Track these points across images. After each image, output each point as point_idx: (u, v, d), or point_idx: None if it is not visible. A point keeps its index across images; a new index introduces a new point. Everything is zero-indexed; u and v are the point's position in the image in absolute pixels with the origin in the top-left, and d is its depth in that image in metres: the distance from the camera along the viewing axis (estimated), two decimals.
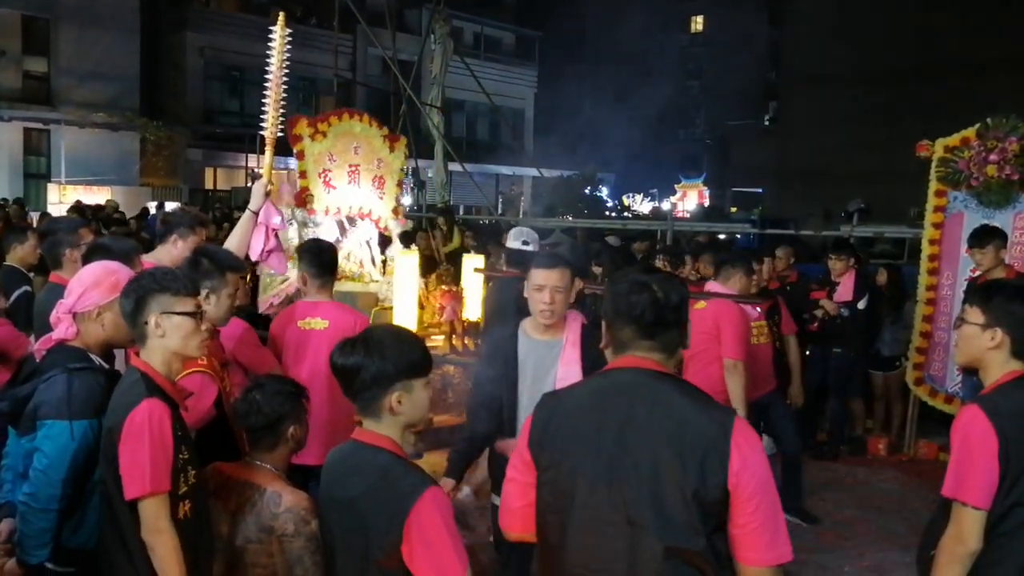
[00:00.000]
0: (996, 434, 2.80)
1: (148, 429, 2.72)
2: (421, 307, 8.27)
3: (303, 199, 7.57)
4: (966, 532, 2.83)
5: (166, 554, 2.73)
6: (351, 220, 8.18)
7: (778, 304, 6.97)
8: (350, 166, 7.92)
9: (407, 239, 9.21)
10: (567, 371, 3.89)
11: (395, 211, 8.46)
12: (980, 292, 3.11)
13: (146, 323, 2.89)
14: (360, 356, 2.53)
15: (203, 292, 3.53)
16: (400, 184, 8.61)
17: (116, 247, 4.08)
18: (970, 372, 3.56)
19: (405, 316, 7.71)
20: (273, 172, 5.33)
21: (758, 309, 6.40)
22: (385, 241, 8.63)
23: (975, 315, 3.04)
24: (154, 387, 2.83)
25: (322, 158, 7.68)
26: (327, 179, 7.77)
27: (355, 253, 8.29)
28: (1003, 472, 2.80)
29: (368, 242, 8.43)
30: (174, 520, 2.77)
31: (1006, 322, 2.96)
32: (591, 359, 3.89)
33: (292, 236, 7.31)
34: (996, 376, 3.00)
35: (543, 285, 3.88)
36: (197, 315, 2.98)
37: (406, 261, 7.91)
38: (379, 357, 2.52)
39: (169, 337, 2.90)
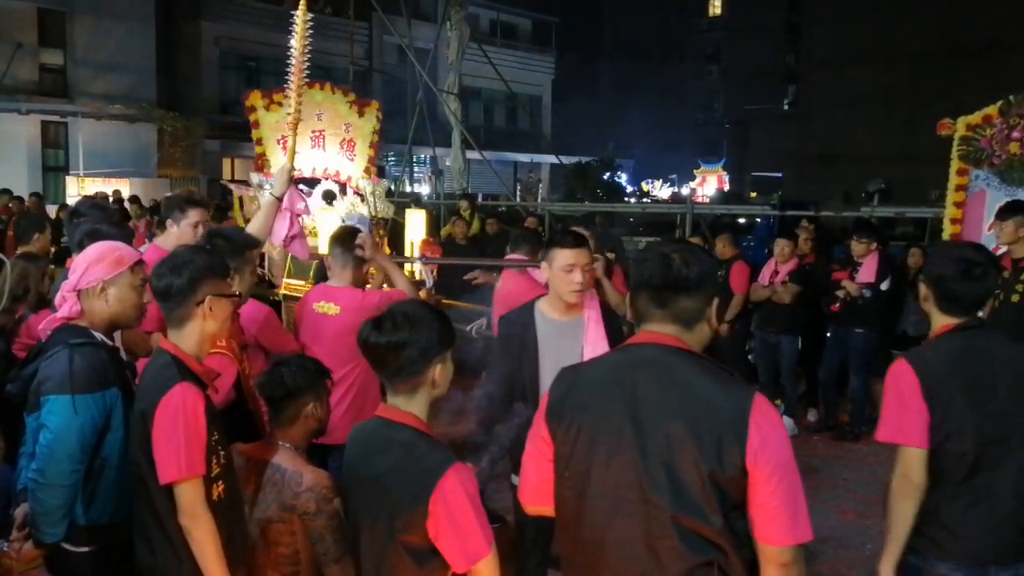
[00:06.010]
0: (919, 380, 2.99)
1: (182, 414, 2.71)
2: None
3: (259, 164, 8.18)
4: (910, 469, 3.01)
5: (202, 537, 2.73)
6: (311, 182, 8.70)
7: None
8: (313, 131, 8.61)
9: (329, 197, 9.35)
10: (594, 350, 3.80)
11: (367, 171, 8.92)
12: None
13: (199, 303, 2.87)
14: (405, 332, 2.51)
15: None
16: (373, 146, 9.05)
17: (107, 232, 4.08)
18: None
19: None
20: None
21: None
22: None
23: None
24: (185, 370, 2.82)
25: (280, 125, 8.28)
26: (286, 144, 8.40)
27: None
28: (930, 413, 2.98)
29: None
30: (208, 502, 2.76)
31: (929, 278, 3.16)
32: (612, 338, 3.88)
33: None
34: (935, 330, 3.18)
35: (573, 264, 3.85)
36: (236, 297, 3.02)
37: (325, 217, 8.39)
38: (425, 330, 2.52)
39: (215, 320, 2.91)
